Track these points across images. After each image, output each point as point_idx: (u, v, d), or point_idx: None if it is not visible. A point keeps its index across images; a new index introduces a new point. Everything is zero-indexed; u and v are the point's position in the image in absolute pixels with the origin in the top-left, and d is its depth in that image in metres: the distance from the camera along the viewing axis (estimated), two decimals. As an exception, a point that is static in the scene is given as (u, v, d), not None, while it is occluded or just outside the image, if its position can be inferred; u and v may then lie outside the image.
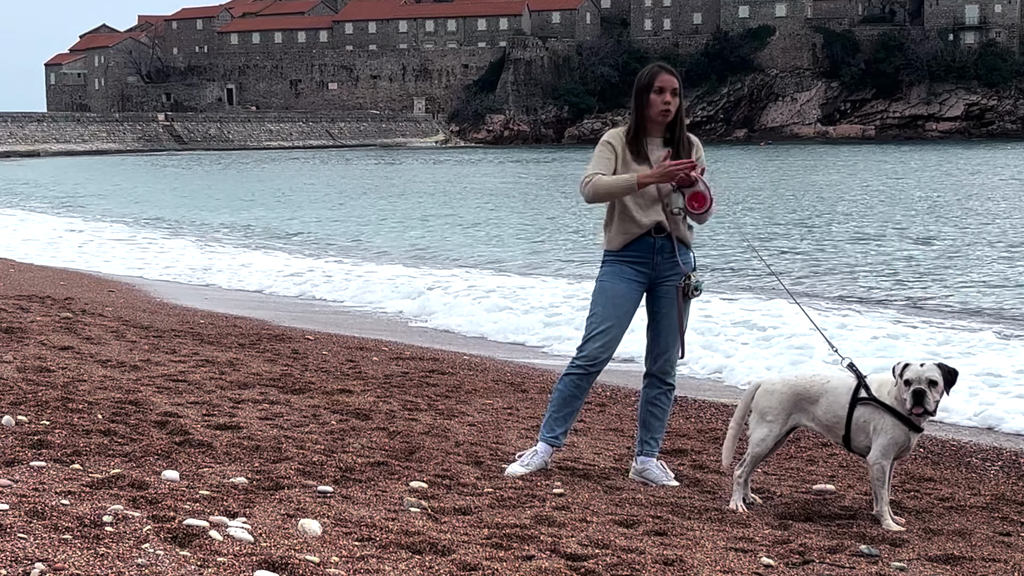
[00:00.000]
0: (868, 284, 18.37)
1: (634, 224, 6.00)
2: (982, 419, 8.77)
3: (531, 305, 15.20)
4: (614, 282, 6.06)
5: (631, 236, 6.01)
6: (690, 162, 5.88)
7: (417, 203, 41.29)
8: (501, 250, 24.81)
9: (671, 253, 6.01)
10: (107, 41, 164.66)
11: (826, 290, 17.75)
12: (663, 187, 5.96)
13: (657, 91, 5.96)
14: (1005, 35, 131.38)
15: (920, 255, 22.39)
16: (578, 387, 6.15)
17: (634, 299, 6.09)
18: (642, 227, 5.99)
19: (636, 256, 6.03)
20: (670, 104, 5.95)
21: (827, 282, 18.64)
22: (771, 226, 29.79)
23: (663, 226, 5.99)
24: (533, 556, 4.42)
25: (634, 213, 5.98)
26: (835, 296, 17.07)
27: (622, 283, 6.05)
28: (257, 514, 4.65)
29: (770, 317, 13.56)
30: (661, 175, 5.86)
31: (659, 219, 5.98)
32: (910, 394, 5.36)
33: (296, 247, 25.90)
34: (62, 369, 8.06)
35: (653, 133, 6.04)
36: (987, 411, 8.89)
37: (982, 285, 17.85)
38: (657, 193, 5.97)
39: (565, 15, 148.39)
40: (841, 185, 48.26)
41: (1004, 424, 8.64)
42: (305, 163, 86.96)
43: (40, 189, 54.49)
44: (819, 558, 4.75)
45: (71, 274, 17.99)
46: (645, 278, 6.06)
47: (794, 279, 18.72)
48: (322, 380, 8.74)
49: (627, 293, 6.05)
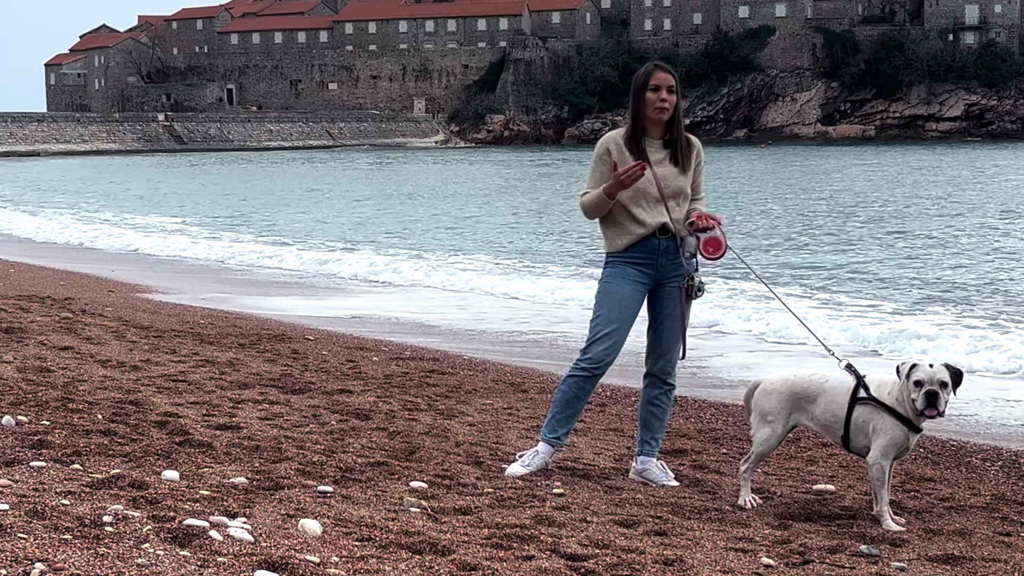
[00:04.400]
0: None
1: (639, 226, 5.97)
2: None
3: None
4: (619, 284, 6.03)
5: (635, 237, 5.99)
6: (638, 164, 5.84)
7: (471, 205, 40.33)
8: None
9: (675, 254, 6.00)
10: (107, 41, 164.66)
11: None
12: (669, 189, 5.94)
13: (653, 89, 5.94)
14: (1005, 35, 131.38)
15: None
16: (581, 389, 6.14)
17: (638, 301, 6.07)
18: (647, 228, 5.97)
19: (640, 257, 6.00)
20: (667, 101, 5.93)
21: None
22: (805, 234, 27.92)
23: (668, 227, 5.98)
24: (533, 556, 4.42)
25: (638, 215, 5.96)
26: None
27: (627, 285, 6.02)
28: (257, 514, 4.65)
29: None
30: (614, 185, 5.86)
31: (664, 220, 5.96)
32: (922, 395, 5.33)
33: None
34: (62, 369, 8.06)
35: (652, 134, 6.02)
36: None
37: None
38: (659, 194, 5.95)
39: (565, 15, 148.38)
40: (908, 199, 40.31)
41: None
42: (330, 165, 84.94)
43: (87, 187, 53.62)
44: (819, 558, 4.75)
45: (71, 274, 17.98)
46: (649, 279, 6.03)
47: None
48: (322, 380, 8.75)
49: (632, 295, 6.03)
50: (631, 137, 6.00)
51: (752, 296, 15.65)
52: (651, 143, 6.01)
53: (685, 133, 6.09)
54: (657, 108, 5.93)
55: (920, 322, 13.72)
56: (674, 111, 5.98)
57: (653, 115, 5.96)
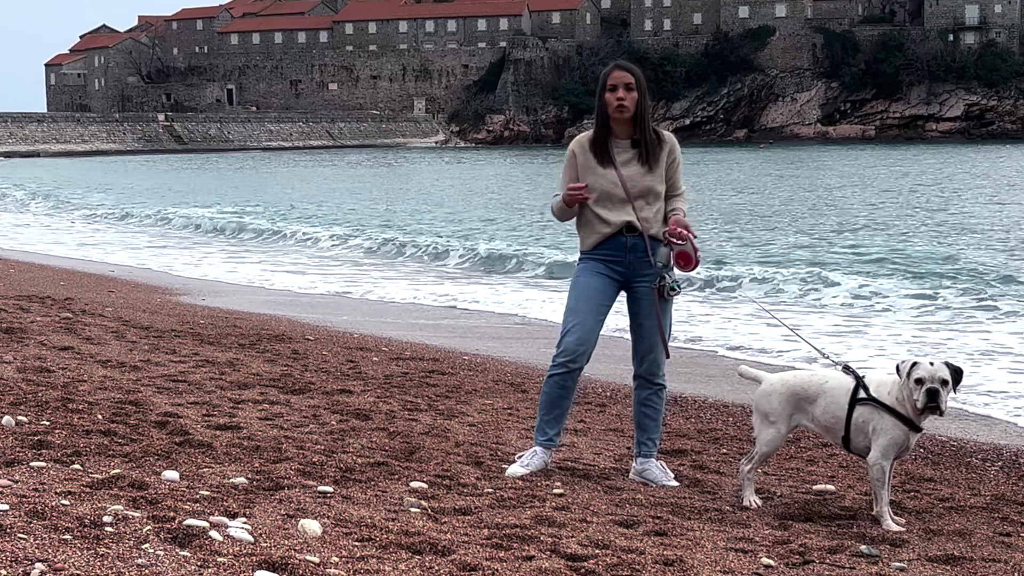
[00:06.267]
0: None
1: (604, 224, 6.03)
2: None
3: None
4: (587, 277, 6.10)
5: (602, 236, 6.04)
6: (580, 187, 5.95)
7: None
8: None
9: (644, 252, 6.01)
10: (107, 41, 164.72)
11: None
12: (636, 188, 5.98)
13: (610, 89, 5.98)
14: (1005, 35, 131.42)
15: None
16: (563, 387, 6.14)
17: (608, 293, 6.09)
18: (612, 226, 6.01)
19: (608, 255, 6.06)
20: (624, 99, 5.94)
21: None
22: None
23: (634, 225, 6.00)
24: (533, 556, 4.42)
25: (603, 215, 6.01)
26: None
27: (594, 277, 6.08)
28: (257, 514, 4.65)
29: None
30: (563, 197, 6.02)
31: (629, 219, 5.99)
32: (923, 393, 5.33)
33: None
34: (62, 369, 8.06)
35: (620, 134, 6.04)
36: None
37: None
38: (625, 194, 5.97)
39: (565, 15, 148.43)
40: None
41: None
42: (348, 168, 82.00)
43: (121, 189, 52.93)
44: (819, 558, 4.75)
45: (71, 274, 17.99)
46: (619, 275, 6.07)
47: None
48: (322, 380, 8.75)
49: (600, 287, 6.06)
50: (595, 139, 6.03)
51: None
52: (618, 143, 6.03)
53: (658, 130, 6.10)
54: (617, 107, 5.96)
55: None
56: (637, 109, 5.98)
57: (615, 115, 5.99)
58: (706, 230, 26.87)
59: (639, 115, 5.99)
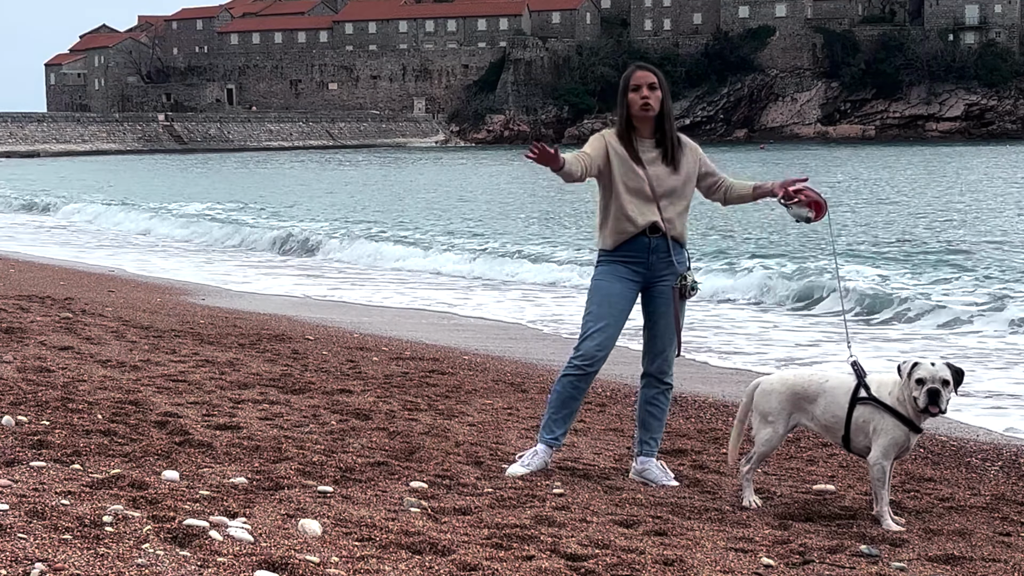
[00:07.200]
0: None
1: (630, 223, 6.00)
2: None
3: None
4: (609, 281, 6.07)
5: (626, 235, 6.02)
6: (535, 144, 5.76)
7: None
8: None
9: (666, 253, 6.02)
10: (107, 41, 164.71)
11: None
12: (661, 188, 5.96)
13: (634, 89, 6.01)
14: (1005, 35, 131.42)
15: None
16: (576, 388, 6.15)
17: (629, 298, 6.10)
18: (637, 227, 6.00)
19: (631, 256, 6.04)
20: (648, 98, 5.97)
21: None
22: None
23: (658, 226, 6.00)
24: (533, 556, 4.42)
25: (630, 213, 5.99)
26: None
27: (617, 282, 6.06)
28: (257, 514, 4.65)
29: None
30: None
31: (654, 219, 5.99)
32: (924, 393, 5.33)
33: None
34: (62, 369, 8.06)
35: (643, 134, 6.06)
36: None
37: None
38: (651, 193, 5.98)
39: (565, 15, 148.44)
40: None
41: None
42: (369, 168, 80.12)
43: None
44: (819, 558, 4.75)
45: (71, 274, 17.98)
46: (640, 277, 6.06)
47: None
48: (322, 380, 8.75)
49: (622, 292, 6.06)
50: (624, 134, 6.03)
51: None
52: (643, 143, 6.04)
53: (680, 135, 6.11)
54: (642, 106, 5.97)
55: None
56: (661, 108, 6.01)
57: (639, 114, 6.00)
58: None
59: (664, 114, 6.02)
